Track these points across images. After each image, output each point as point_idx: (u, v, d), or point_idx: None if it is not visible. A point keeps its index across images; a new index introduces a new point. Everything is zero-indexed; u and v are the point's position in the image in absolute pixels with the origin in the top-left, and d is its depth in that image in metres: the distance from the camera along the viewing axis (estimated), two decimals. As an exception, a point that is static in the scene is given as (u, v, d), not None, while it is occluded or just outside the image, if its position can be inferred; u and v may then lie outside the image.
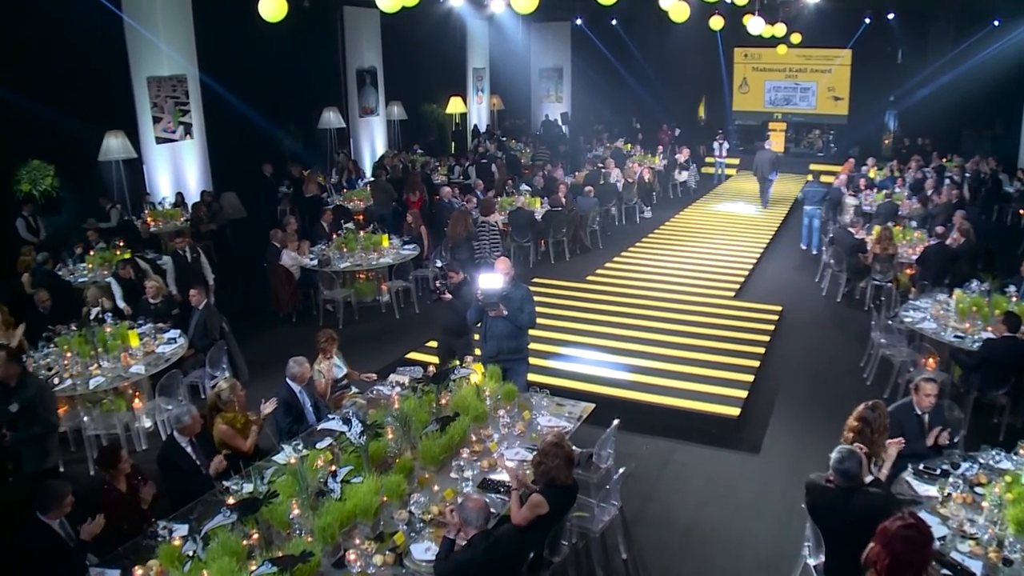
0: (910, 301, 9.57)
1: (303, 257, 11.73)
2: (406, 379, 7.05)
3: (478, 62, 25.34)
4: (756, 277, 13.30)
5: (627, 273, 13.37)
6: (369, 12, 19.86)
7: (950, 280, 10.62)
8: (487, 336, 7.31)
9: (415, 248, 12.19)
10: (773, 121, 26.39)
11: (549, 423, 6.12)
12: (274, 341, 10.68)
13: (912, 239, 12.13)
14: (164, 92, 15.22)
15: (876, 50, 24.37)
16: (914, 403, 6.04)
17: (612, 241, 15.58)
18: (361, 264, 11.54)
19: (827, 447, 7.64)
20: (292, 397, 6.61)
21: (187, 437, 5.86)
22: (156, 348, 8.55)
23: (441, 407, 6.11)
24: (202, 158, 16.30)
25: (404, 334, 10.82)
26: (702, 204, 19.67)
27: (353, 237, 11.98)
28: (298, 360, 6.70)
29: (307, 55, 18.23)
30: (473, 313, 7.42)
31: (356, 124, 20.59)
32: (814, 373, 9.41)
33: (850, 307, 11.76)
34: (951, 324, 8.65)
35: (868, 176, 18.09)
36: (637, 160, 20.58)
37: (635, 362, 9.42)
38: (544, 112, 27.75)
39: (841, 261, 11.92)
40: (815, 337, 10.60)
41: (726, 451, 7.55)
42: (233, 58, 15.99)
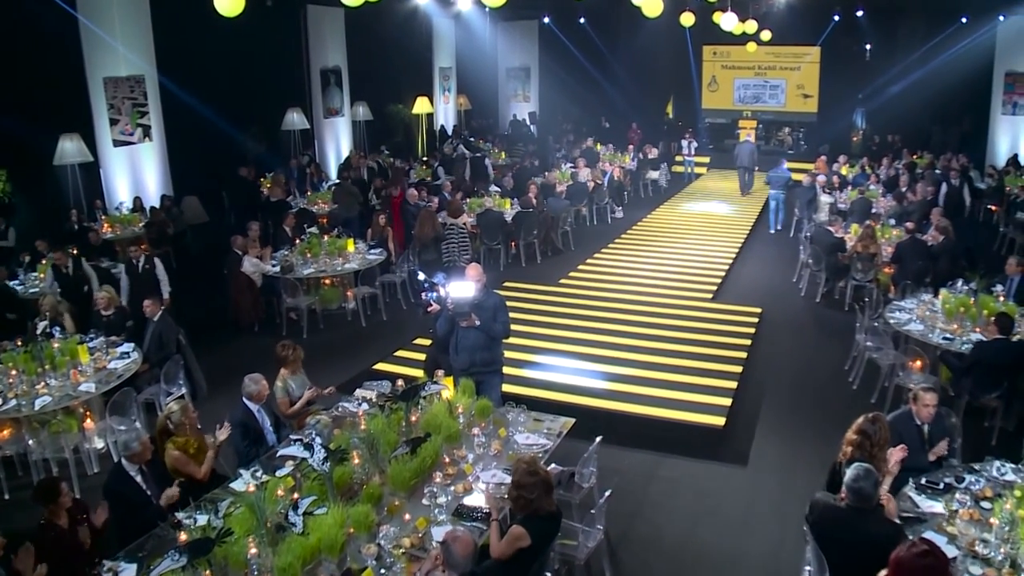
0: (894, 302, 9.28)
1: (265, 264, 11.22)
2: (373, 394, 6.63)
3: (445, 61, 24.89)
4: (733, 278, 13.01)
5: (601, 276, 13.01)
6: (333, 11, 19.42)
7: (931, 279, 10.42)
8: (458, 348, 6.86)
9: (382, 253, 11.73)
10: (743, 119, 26.30)
11: (527, 441, 5.72)
12: (235, 353, 10.17)
13: (891, 237, 11.89)
14: (121, 93, 14.70)
15: (845, 47, 24.36)
16: (913, 413, 5.72)
17: (584, 242, 15.22)
18: (326, 270, 11.06)
19: (816, 457, 7.46)
20: (249, 418, 6.14)
21: (136, 465, 5.38)
22: (108, 364, 8.03)
23: (411, 426, 5.68)
24: (162, 161, 15.81)
25: (371, 343, 10.36)
26: (674, 203, 19.41)
27: (317, 242, 11.50)
28: (254, 377, 6.23)
29: (270, 55, 17.75)
30: (443, 324, 6.95)
31: (320, 125, 20.10)
32: (798, 378, 9.11)
33: (830, 307, 11.49)
34: (938, 325, 8.38)
35: (840, 173, 17.96)
36: (607, 159, 20.32)
37: (613, 370, 9.05)
38: (512, 111, 27.39)
39: (820, 261, 11.65)
40: (797, 339, 10.31)
41: (712, 463, 7.19)
42: (193, 58, 15.47)
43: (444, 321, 6.91)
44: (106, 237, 13.16)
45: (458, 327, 6.78)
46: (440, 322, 7.00)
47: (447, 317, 6.83)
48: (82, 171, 14.25)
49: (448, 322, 6.85)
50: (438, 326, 7.06)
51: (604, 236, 15.74)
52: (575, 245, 15.00)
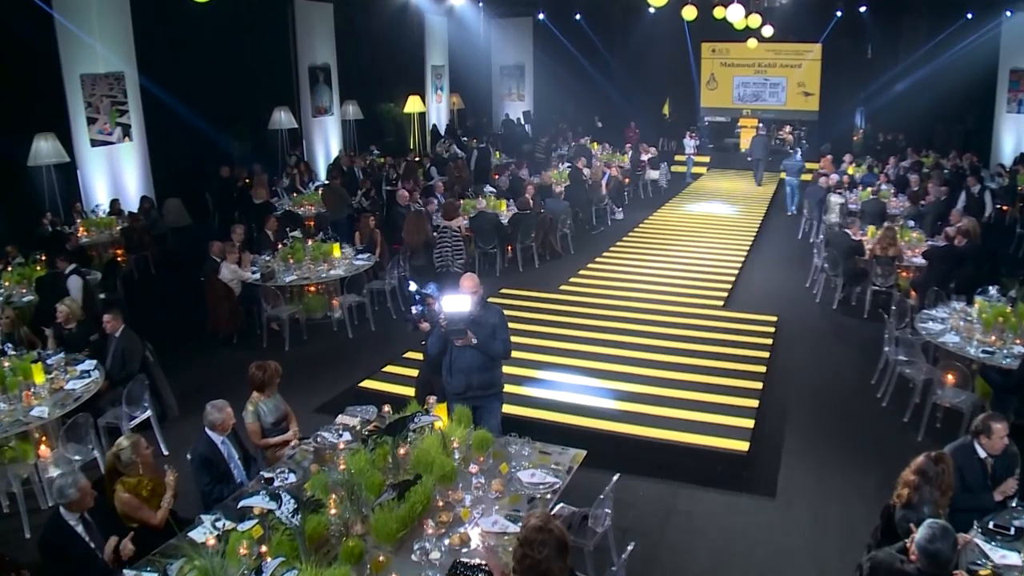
0: (924, 310, 8.57)
1: (244, 271, 10.46)
2: (356, 421, 5.88)
3: (437, 59, 24.23)
4: (744, 283, 12.29)
5: (604, 282, 12.28)
6: (322, 6, 18.90)
7: (955, 284, 9.74)
8: (452, 369, 6.06)
9: (369, 258, 10.99)
10: (743, 118, 25.68)
11: (532, 479, 4.97)
12: (212, 367, 9.42)
13: (911, 240, 11.22)
14: (100, 91, 14.04)
15: (847, 45, 23.80)
16: (976, 446, 5.00)
17: (584, 246, 14.51)
18: (309, 277, 10.30)
19: (849, 485, 6.61)
20: (212, 452, 5.38)
21: (76, 514, 4.62)
22: (65, 384, 7.26)
23: (398, 463, 4.93)
24: (142, 162, 15.16)
25: (358, 357, 9.59)
26: (675, 204, 18.74)
27: (300, 247, 10.74)
28: (217, 404, 5.47)
29: (256, 51, 17.15)
30: (435, 342, 6.13)
31: (309, 124, 19.45)
32: (822, 394, 8.36)
33: (848, 314, 10.79)
34: (976, 337, 7.67)
35: (847, 173, 17.35)
36: (604, 159, 19.67)
37: (622, 387, 8.30)
38: (505, 110, 26.74)
39: (837, 265, 10.94)
40: (816, 351, 9.58)
41: (737, 495, 6.42)
42: (176, 54, 15.02)
43: (436, 339, 6.10)
44: (82, 242, 12.45)
45: (452, 346, 5.99)
46: (431, 340, 6.19)
47: (439, 335, 6.02)
48: (58, 172, 13.62)
49: (441, 340, 6.04)
50: (429, 344, 6.25)
51: (605, 239, 15.06)
52: (575, 249, 14.28)
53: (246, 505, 4.28)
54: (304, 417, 7.59)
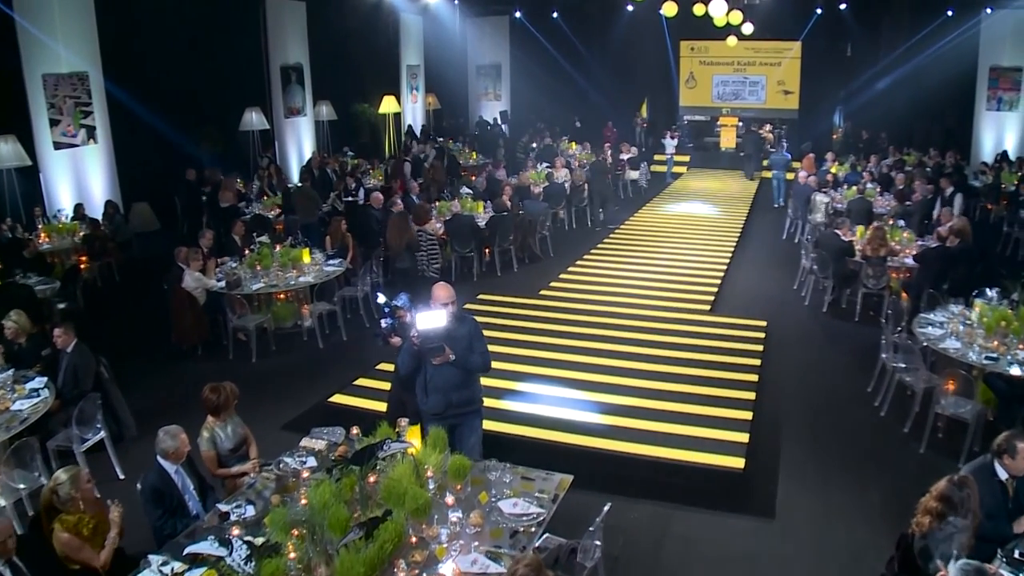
0: (923, 314, 8.20)
1: (209, 278, 9.93)
2: (322, 445, 5.40)
3: (412, 59, 23.78)
4: (730, 286, 11.91)
5: (585, 286, 11.85)
6: (294, 4, 18.52)
7: (949, 286, 9.42)
8: (429, 388, 5.55)
9: (341, 263, 10.50)
10: (723, 116, 25.42)
11: (515, 509, 4.52)
12: (175, 381, 8.87)
13: (901, 239, 10.89)
14: (63, 91, 13.56)
15: (827, 43, 23.61)
16: (998, 467, 4.61)
17: (564, 248, 14.08)
18: (277, 284, 9.78)
19: (851, 502, 6.09)
20: (164, 483, 4.89)
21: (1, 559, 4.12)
22: (11, 404, 6.72)
23: (366, 494, 4.46)
24: (108, 165, 14.69)
25: (329, 369, 9.08)
26: (656, 204, 18.38)
27: (268, 252, 10.22)
28: (170, 431, 4.97)
29: (226, 51, 16.70)
30: (407, 360, 5.56)
31: (281, 125, 18.97)
32: (817, 404, 7.95)
33: (838, 318, 10.44)
34: (978, 342, 7.31)
35: (831, 171, 17.09)
36: (583, 159, 19.34)
37: (607, 399, 7.85)
38: (482, 110, 26.36)
39: (827, 267, 10.58)
40: (808, 357, 9.18)
41: (734, 517, 5.99)
42: (142, 54, 14.77)
43: (408, 356, 5.55)
44: (43, 248, 11.89)
45: (427, 363, 5.50)
46: (403, 357, 5.64)
47: (411, 351, 5.51)
48: (19, 176, 13.13)
49: (413, 358, 5.51)
50: (400, 362, 5.69)
51: (585, 241, 14.64)
52: (554, 251, 13.85)
53: (193, 552, 3.78)
54: (270, 436, 7.14)
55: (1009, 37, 19.98)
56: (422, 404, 5.61)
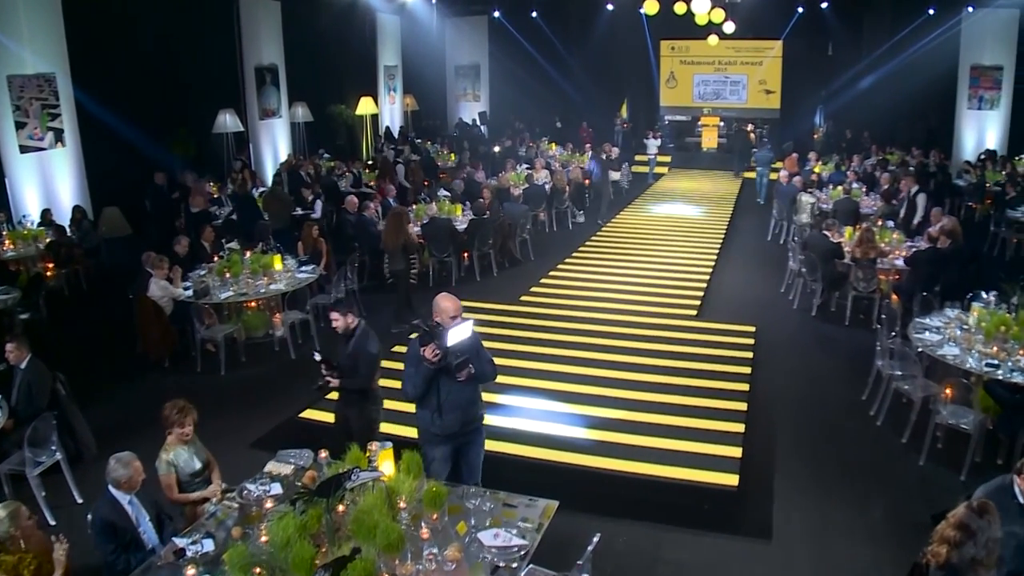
0: (918, 319, 7.91)
1: (175, 287, 9.50)
2: (288, 470, 5.02)
3: (390, 59, 23.36)
4: (716, 289, 11.60)
5: (567, 291, 11.50)
6: (268, 4, 18.13)
7: (940, 288, 9.16)
8: (444, 408, 5.10)
9: (314, 270, 10.09)
10: (704, 116, 25.21)
11: (496, 541, 4.15)
12: (140, 396, 8.42)
13: (890, 240, 10.63)
14: (29, 93, 13.06)
15: (809, 42, 23.42)
16: (1017, 488, 4.30)
17: (545, 252, 13.74)
18: (247, 293, 9.36)
19: (851, 521, 5.70)
20: (117, 514, 4.49)
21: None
22: (-41, 424, 6.30)
23: (334, 526, 4.09)
24: (77, 169, 14.20)
25: (300, 381, 8.57)
26: (638, 206, 18.10)
27: (238, 259, 9.80)
28: (122, 459, 4.57)
29: (199, 51, 16.31)
30: (420, 382, 5.06)
31: (256, 127, 18.53)
32: (811, 414, 7.61)
33: (828, 321, 10.15)
34: (977, 348, 7.03)
35: (814, 171, 16.90)
36: (563, 160, 19.04)
37: (593, 413, 7.47)
38: (461, 111, 26.00)
39: (815, 270, 10.29)
40: (799, 364, 8.86)
41: (729, 539, 5.63)
42: (112, 54, 14.25)
43: (419, 378, 5.06)
44: (6, 256, 11.46)
45: (440, 382, 5.07)
46: (413, 380, 5.12)
47: (423, 373, 5.01)
48: (-16, 181, 12.63)
49: (426, 379, 5.06)
50: (410, 385, 5.16)
51: (566, 244, 14.30)
52: (535, 255, 13.50)
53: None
54: (238, 454, 6.76)
55: (990, 36, 20.00)
56: (432, 426, 5.17)
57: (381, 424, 6.31)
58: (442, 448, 5.14)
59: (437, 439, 5.19)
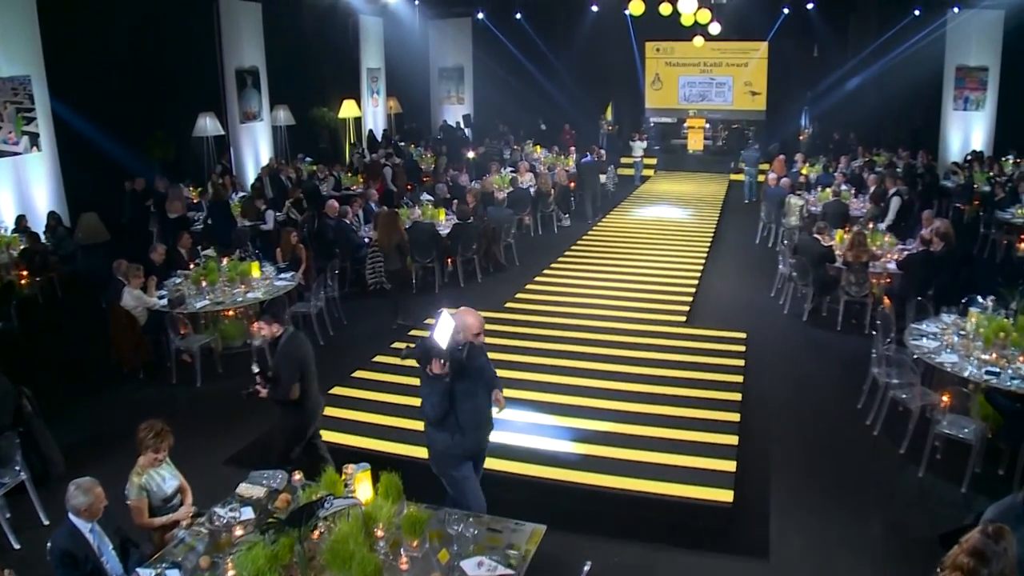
0: (914, 325, 7.71)
1: (150, 296, 9.19)
2: (261, 492, 4.75)
3: (373, 62, 23.10)
4: (705, 294, 11.37)
5: (553, 297, 11.22)
6: (249, 5, 17.88)
7: (934, 292, 8.96)
8: (465, 427, 4.82)
9: (293, 277, 9.80)
10: (689, 118, 25.03)
11: (479, 570, 3.90)
12: (112, 409, 8.12)
13: (882, 244, 10.44)
14: (3, 97, 12.90)
15: (794, 43, 23.29)
16: (1031, 506, 4.08)
17: (530, 256, 13.49)
18: (223, 302, 9.06)
19: (851, 538, 5.47)
20: (77, 544, 4.21)
21: None
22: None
23: (307, 555, 3.82)
24: (53, 174, 13.96)
25: (277, 394, 8.40)
26: (625, 209, 17.87)
27: (215, 266, 9.50)
28: (82, 484, 4.28)
29: (179, 53, 16.12)
30: (438, 400, 4.74)
31: (237, 131, 18.24)
32: (806, 425, 7.39)
33: (820, 327, 9.95)
34: (975, 355, 6.82)
35: (801, 173, 16.73)
36: (548, 162, 18.80)
37: (581, 425, 7.17)
38: (445, 114, 25.73)
39: (807, 274, 10.08)
40: (792, 371, 8.63)
41: (725, 557, 5.38)
42: (89, 57, 14.14)
43: (439, 396, 4.74)
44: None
45: (461, 400, 4.80)
46: (433, 399, 4.78)
47: (441, 390, 4.71)
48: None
49: (445, 396, 4.74)
50: (430, 404, 4.82)
51: (551, 249, 14.03)
52: (520, 260, 13.26)
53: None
54: (212, 472, 6.50)
55: (975, 36, 20.00)
56: (452, 447, 4.87)
57: (313, 436, 6.11)
58: (467, 464, 4.88)
59: (458, 459, 4.91)
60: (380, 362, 8.78)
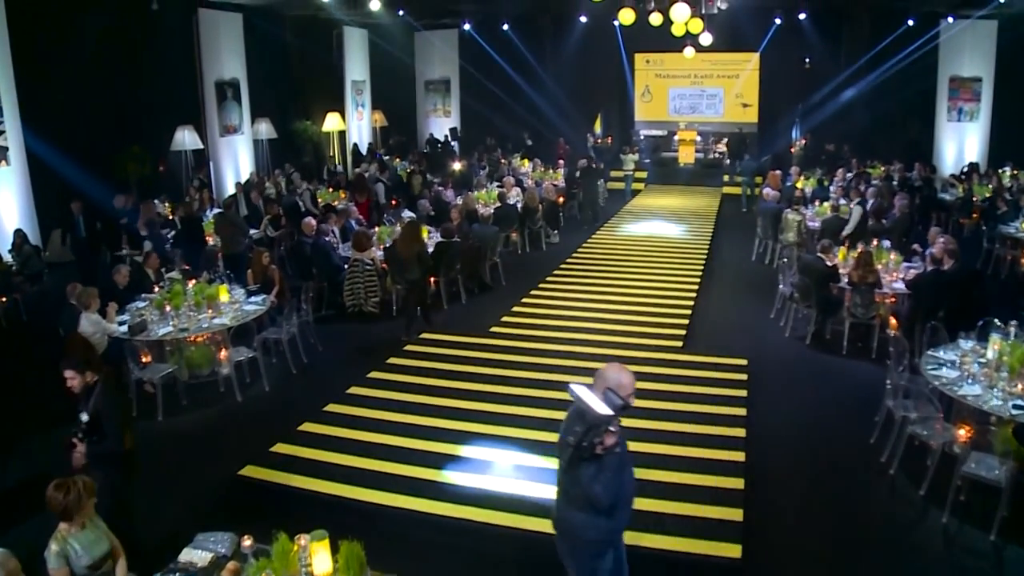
0: (931, 352, 7.15)
1: (109, 322, 8.57)
2: (206, 560, 4.15)
3: (357, 74, 22.62)
4: (702, 317, 10.77)
5: (541, 320, 10.59)
6: (230, 16, 17.39)
7: (944, 314, 8.43)
8: (628, 501, 4.19)
9: (264, 301, 9.19)
10: (680, 131, 24.58)
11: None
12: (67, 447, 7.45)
13: (888, 262, 9.91)
14: None
15: (786, 54, 22.89)
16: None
17: (517, 276, 12.89)
18: (188, 328, 8.44)
19: None
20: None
21: None
22: None
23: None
24: (23, 189, 13.49)
25: (244, 428, 7.73)
26: (616, 224, 17.32)
27: (180, 289, 8.88)
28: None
29: (156, 65, 15.61)
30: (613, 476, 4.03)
31: (216, 145, 17.72)
32: (816, 463, 6.78)
33: (824, 351, 9.38)
34: (999, 385, 6.26)
35: (795, 186, 16.23)
36: (536, 176, 18.29)
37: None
38: (431, 128, 25.24)
39: (809, 295, 9.52)
40: (799, 402, 8.02)
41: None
42: (63, 67, 13.54)
43: (615, 471, 4.03)
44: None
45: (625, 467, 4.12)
46: (608, 477, 4.00)
47: (617, 466, 4.04)
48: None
49: (619, 471, 4.06)
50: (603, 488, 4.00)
51: (540, 267, 13.42)
52: (506, 279, 12.67)
53: None
54: (162, 523, 5.86)
55: (968, 47, 19.84)
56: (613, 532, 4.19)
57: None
58: (612, 552, 4.20)
59: (609, 545, 4.22)
60: (355, 394, 8.14)
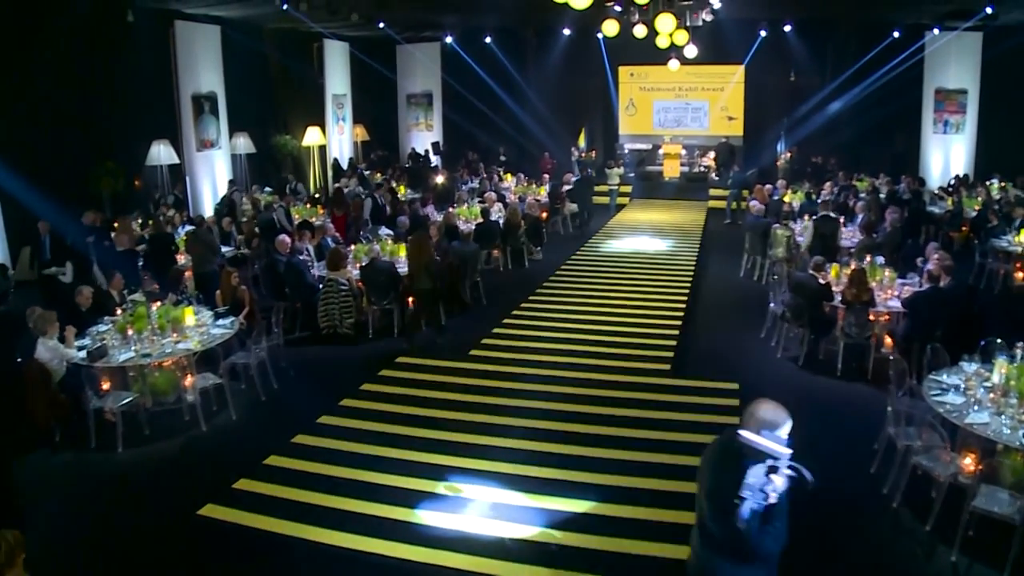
0: (932, 375, 6.78)
1: (68, 347, 8.09)
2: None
3: (338, 87, 22.27)
4: (690, 338, 10.35)
5: (524, 343, 10.15)
6: (207, 28, 17.08)
7: (941, 333, 8.10)
8: (767, 549, 3.69)
9: (232, 323, 8.73)
10: (665, 144, 24.29)
11: None
12: (20, 479, 6.91)
13: (883, 279, 9.56)
14: None
15: (771, 66, 22.67)
16: None
17: (499, 295, 12.47)
18: (150, 353, 7.97)
19: None
20: None
21: None
22: None
23: None
24: None
25: (207, 462, 7.21)
26: (600, 240, 16.97)
27: (143, 312, 8.41)
28: None
29: (132, 78, 15.21)
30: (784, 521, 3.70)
31: (193, 159, 17.33)
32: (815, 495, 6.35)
33: (818, 373, 8.99)
34: (1008, 412, 5.89)
35: (783, 200, 15.95)
36: (518, 192, 17.94)
37: (559, 506, 6.11)
38: (413, 142, 24.88)
39: (802, 315, 9.16)
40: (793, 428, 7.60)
41: None
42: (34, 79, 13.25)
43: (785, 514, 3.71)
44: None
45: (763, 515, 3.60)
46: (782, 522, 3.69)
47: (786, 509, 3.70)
48: None
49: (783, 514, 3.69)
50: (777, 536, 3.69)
51: (522, 286, 13.02)
52: (487, 299, 12.24)
53: None
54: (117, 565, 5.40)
55: (954, 59, 19.77)
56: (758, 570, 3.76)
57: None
58: None
59: None
60: (326, 424, 7.70)
